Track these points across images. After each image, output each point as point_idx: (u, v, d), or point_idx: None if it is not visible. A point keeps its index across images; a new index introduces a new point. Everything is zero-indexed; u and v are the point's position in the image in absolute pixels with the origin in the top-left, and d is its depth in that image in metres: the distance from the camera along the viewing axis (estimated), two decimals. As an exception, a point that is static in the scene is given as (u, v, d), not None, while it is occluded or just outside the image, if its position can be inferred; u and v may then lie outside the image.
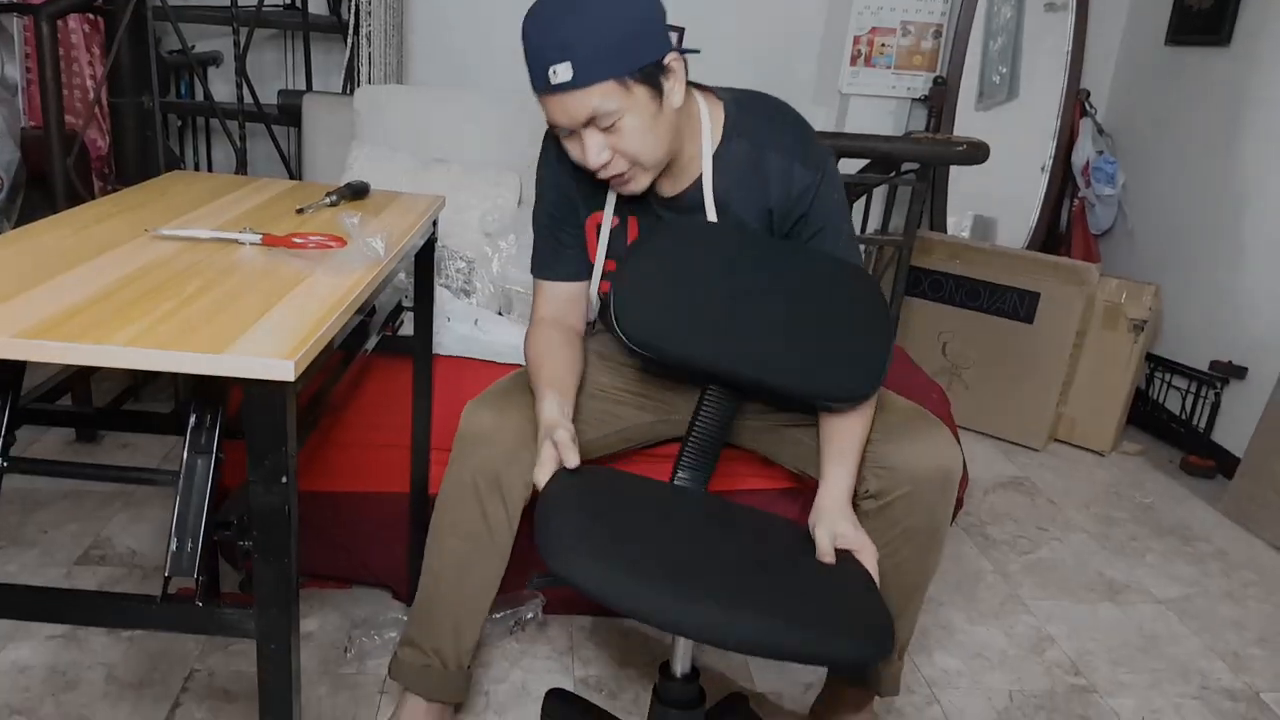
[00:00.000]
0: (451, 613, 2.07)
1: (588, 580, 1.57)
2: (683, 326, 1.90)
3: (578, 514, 1.70)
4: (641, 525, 1.78)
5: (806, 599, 1.66)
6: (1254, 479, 3.55)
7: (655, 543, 1.72)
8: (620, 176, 1.89)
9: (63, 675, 2.28)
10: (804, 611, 1.61)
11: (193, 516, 1.42)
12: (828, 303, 1.94)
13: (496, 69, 4.37)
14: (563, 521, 1.67)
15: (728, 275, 1.93)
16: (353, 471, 2.45)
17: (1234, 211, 3.95)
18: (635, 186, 1.91)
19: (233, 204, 2.02)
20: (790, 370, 1.90)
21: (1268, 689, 2.62)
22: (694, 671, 1.89)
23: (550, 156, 2.05)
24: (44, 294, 1.35)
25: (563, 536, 1.64)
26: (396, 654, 2.14)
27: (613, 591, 1.57)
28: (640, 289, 1.89)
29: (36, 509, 2.94)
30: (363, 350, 2.11)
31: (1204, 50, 4.17)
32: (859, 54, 4.56)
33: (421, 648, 2.10)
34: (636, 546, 1.68)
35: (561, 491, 1.76)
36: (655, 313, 1.89)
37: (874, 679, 2.19)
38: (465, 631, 2.09)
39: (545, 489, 1.77)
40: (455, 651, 2.10)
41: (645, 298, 1.89)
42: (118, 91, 3.55)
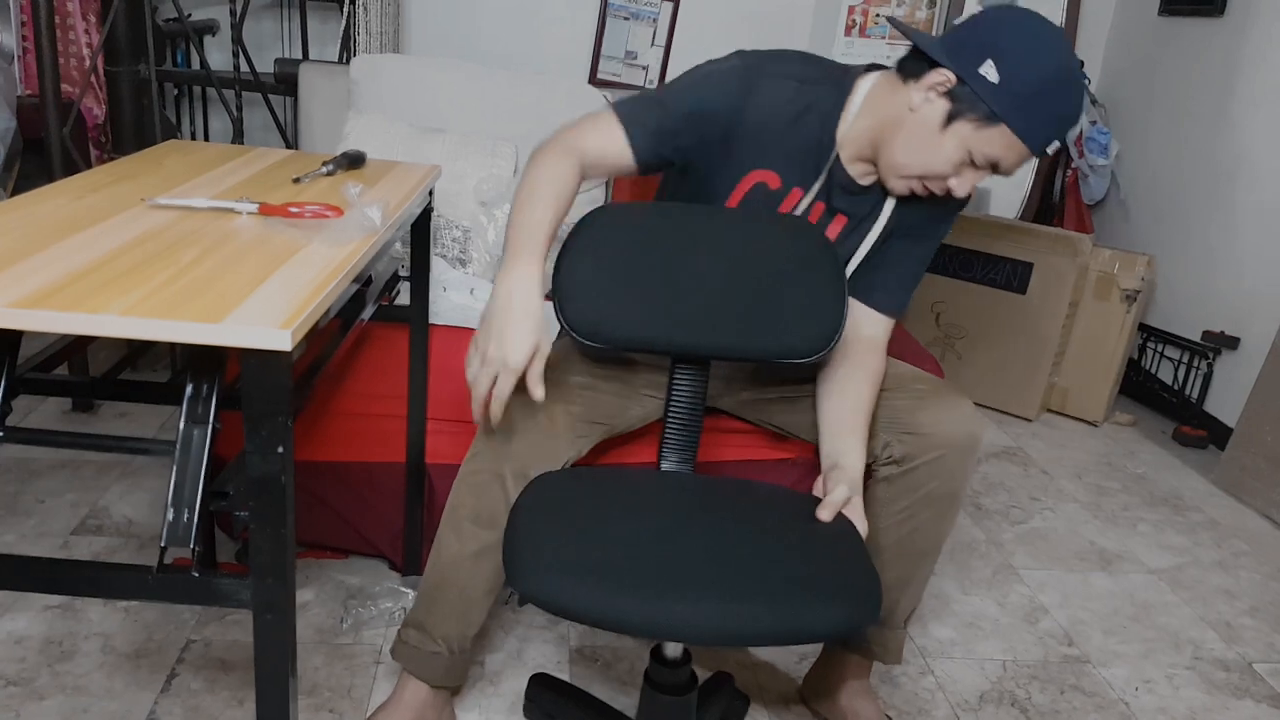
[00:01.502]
0: (464, 600, 2.02)
1: (558, 599, 1.53)
2: (628, 311, 1.87)
3: (547, 528, 1.66)
4: (619, 528, 1.70)
5: (792, 578, 1.61)
6: (1246, 449, 3.57)
7: (632, 546, 1.64)
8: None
9: (59, 646, 2.28)
10: (791, 593, 1.57)
11: (189, 486, 1.42)
12: (771, 261, 1.92)
13: (493, 38, 4.37)
14: (530, 539, 1.63)
15: (665, 252, 1.90)
16: (349, 441, 2.45)
17: (1227, 182, 3.95)
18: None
19: (229, 173, 2.01)
20: (745, 334, 1.89)
21: (1259, 659, 2.63)
22: (685, 655, 1.88)
23: (740, 95, 1.92)
24: (40, 263, 1.35)
25: (529, 556, 1.59)
26: (401, 635, 2.09)
27: (589, 610, 1.52)
28: (579, 281, 1.86)
29: (33, 479, 2.94)
30: (359, 320, 2.11)
31: (1197, 21, 4.16)
32: (853, 24, 4.54)
33: (430, 633, 2.05)
34: (611, 555, 1.60)
35: (533, 506, 1.74)
36: (598, 302, 1.86)
37: (876, 647, 2.19)
38: (475, 618, 2.05)
39: (515, 505, 1.76)
40: (461, 637, 2.06)
41: (585, 289, 1.86)
42: (114, 60, 3.54)
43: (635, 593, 1.52)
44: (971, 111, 1.79)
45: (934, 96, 1.82)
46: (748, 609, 1.52)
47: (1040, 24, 1.80)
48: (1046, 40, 1.78)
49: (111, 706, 2.12)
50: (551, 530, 1.66)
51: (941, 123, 1.82)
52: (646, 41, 4.41)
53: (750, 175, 1.98)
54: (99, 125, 3.78)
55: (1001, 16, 1.82)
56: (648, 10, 4.38)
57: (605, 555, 1.60)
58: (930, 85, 1.82)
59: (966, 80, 1.78)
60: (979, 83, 1.76)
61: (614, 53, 4.43)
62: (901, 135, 1.87)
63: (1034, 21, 1.80)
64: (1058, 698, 2.42)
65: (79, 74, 3.76)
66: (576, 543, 1.63)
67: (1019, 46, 1.77)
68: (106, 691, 2.16)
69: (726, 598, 1.53)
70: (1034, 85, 1.75)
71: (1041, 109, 1.77)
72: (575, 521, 1.70)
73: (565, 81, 3.45)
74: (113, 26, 3.43)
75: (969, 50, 1.79)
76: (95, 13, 3.79)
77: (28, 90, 3.77)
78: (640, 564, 1.59)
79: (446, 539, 2.00)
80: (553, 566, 1.56)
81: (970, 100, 1.78)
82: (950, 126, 1.81)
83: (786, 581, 1.59)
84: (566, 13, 4.41)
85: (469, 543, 1.97)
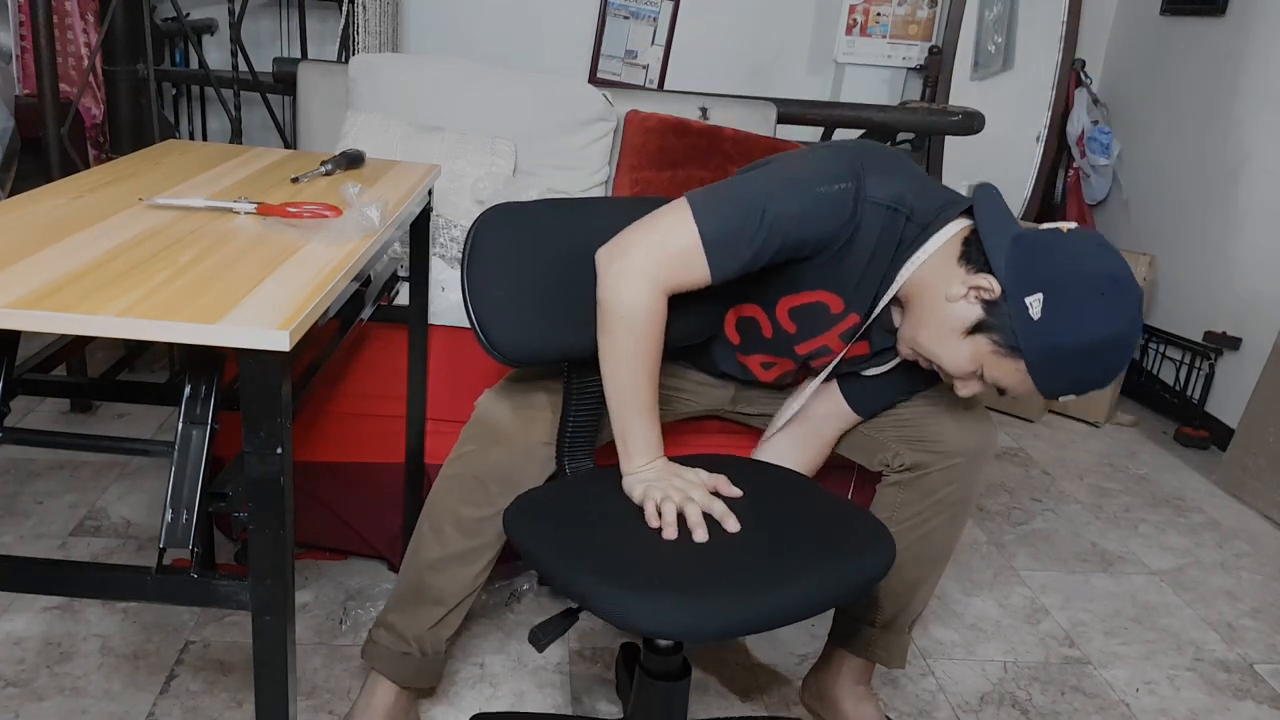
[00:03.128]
0: (440, 604, 2.00)
1: (596, 602, 1.56)
2: (550, 325, 1.85)
3: (561, 529, 1.71)
4: (625, 528, 1.72)
5: (804, 549, 1.66)
6: (1247, 450, 3.56)
7: (658, 547, 1.66)
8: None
9: (58, 647, 2.28)
10: (808, 564, 1.61)
11: (188, 487, 1.41)
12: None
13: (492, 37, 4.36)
14: (546, 541, 1.69)
15: (569, 251, 1.86)
16: (348, 442, 2.45)
17: (1229, 183, 3.95)
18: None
19: (227, 173, 2.01)
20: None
21: (1261, 660, 2.63)
22: (678, 643, 1.88)
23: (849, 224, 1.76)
24: (38, 263, 1.34)
25: (551, 557, 1.66)
26: (371, 635, 2.07)
27: (628, 614, 1.53)
28: (494, 304, 1.82)
29: (31, 480, 2.93)
30: (358, 320, 2.10)
31: (1199, 20, 4.16)
32: (854, 23, 4.54)
33: (402, 634, 2.03)
34: (630, 555, 1.64)
35: (543, 507, 1.78)
36: (518, 324, 1.83)
37: (880, 651, 2.18)
38: (450, 621, 2.03)
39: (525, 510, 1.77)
40: (434, 640, 2.04)
41: (502, 311, 1.81)
42: (112, 59, 3.53)
43: (676, 597, 1.54)
44: (999, 333, 1.69)
45: (973, 298, 1.71)
46: (791, 592, 1.57)
47: (1115, 282, 1.65)
48: (1111, 303, 1.64)
49: (110, 708, 2.11)
50: (592, 540, 1.69)
51: (967, 328, 1.72)
52: (646, 40, 4.41)
53: (817, 292, 1.87)
54: (97, 125, 3.77)
55: (1083, 256, 1.68)
56: (648, 9, 4.37)
57: (631, 555, 1.64)
58: (975, 286, 1.71)
59: (1009, 301, 1.67)
60: (1019, 312, 1.66)
61: (614, 52, 4.43)
62: (928, 316, 1.77)
63: (1110, 275, 1.66)
64: (1059, 699, 2.41)
65: (77, 73, 3.75)
66: (598, 543, 1.68)
67: (1078, 297, 1.64)
68: (105, 693, 2.15)
69: (771, 585, 1.56)
70: (1072, 342, 1.64)
71: (1069, 366, 1.68)
72: (595, 523, 1.74)
73: (565, 80, 3.44)
74: (111, 26, 3.43)
75: (1028, 273, 1.66)
76: (93, 12, 3.78)
77: (26, 90, 3.76)
78: (672, 562, 1.61)
79: (426, 540, 1.99)
80: (590, 569, 1.59)
81: (1003, 322, 1.68)
82: (974, 335, 1.72)
83: (805, 553, 1.65)
84: (566, 12, 4.41)
85: (449, 546, 1.96)
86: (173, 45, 4.26)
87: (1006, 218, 1.76)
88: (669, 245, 1.72)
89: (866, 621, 2.16)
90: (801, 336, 1.94)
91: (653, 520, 1.68)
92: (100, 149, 3.76)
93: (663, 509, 1.68)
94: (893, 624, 2.15)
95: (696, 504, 1.68)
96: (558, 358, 1.88)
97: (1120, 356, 1.68)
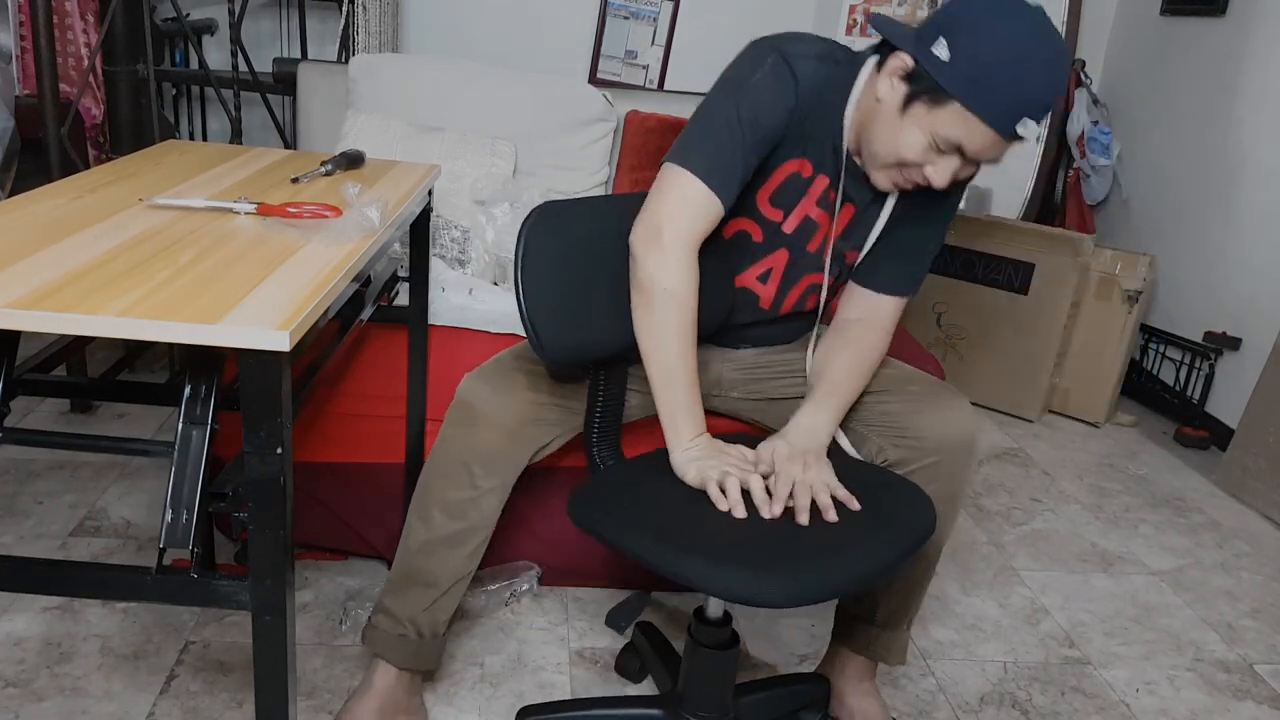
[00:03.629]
0: (433, 586, 2.02)
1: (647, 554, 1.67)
2: (601, 324, 1.88)
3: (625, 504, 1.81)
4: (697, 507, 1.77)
5: (840, 530, 1.73)
6: (1247, 450, 3.56)
7: (717, 520, 1.73)
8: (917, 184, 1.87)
9: (58, 647, 2.28)
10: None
11: (188, 488, 1.41)
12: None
13: (493, 38, 4.36)
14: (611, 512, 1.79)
15: (613, 253, 1.88)
16: (348, 442, 2.45)
17: (1229, 183, 3.95)
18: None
19: (227, 173, 2.01)
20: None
21: (1261, 660, 2.63)
22: (726, 615, 1.96)
23: (791, 83, 1.86)
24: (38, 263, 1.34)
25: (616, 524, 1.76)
26: (371, 621, 2.10)
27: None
28: (547, 306, 1.82)
29: (31, 480, 2.93)
30: (358, 320, 2.10)
31: (1199, 20, 4.16)
32: (854, 23, 4.54)
33: (397, 617, 2.05)
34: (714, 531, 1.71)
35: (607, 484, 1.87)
36: (564, 322, 1.85)
37: (880, 649, 2.20)
38: (445, 604, 2.05)
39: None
40: (431, 623, 2.06)
41: (552, 312, 1.83)
42: (112, 60, 3.53)
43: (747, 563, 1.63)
44: (925, 93, 1.73)
45: (896, 82, 1.77)
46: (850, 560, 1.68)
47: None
48: (1007, 13, 1.70)
49: (110, 708, 2.11)
50: (657, 523, 1.75)
51: (900, 107, 1.77)
52: (646, 41, 4.41)
53: (785, 165, 1.95)
54: (97, 125, 3.77)
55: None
56: (648, 9, 4.37)
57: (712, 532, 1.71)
58: (891, 71, 1.78)
59: (919, 60, 1.73)
60: (930, 61, 1.71)
61: (614, 52, 4.43)
62: (873, 125, 1.83)
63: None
64: (1059, 699, 2.41)
65: (77, 74, 3.75)
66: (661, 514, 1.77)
67: (975, 21, 1.70)
68: (105, 693, 2.15)
69: (827, 555, 1.68)
70: (987, 60, 1.68)
71: (998, 86, 1.69)
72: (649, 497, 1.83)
73: (565, 80, 3.44)
74: (111, 26, 3.43)
75: (927, 30, 1.74)
76: (93, 12, 3.78)
77: (26, 90, 3.76)
78: (741, 537, 1.69)
79: (414, 525, 2.02)
80: (649, 529, 1.71)
81: (926, 83, 1.73)
82: (908, 110, 1.76)
83: (837, 535, 1.72)
84: (566, 12, 4.41)
85: (437, 529, 1.98)
86: (173, 45, 4.25)
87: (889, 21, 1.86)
88: (685, 204, 1.82)
89: (866, 620, 2.18)
90: (785, 215, 2.00)
91: (720, 502, 1.74)
92: (100, 149, 3.76)
93: (726, 487, 1.75)
94: (891, 621, 2.17)
95: (758, 480, 1.78)
96: (604, 355, 1.93)
97: (1045, 50, 1.71)
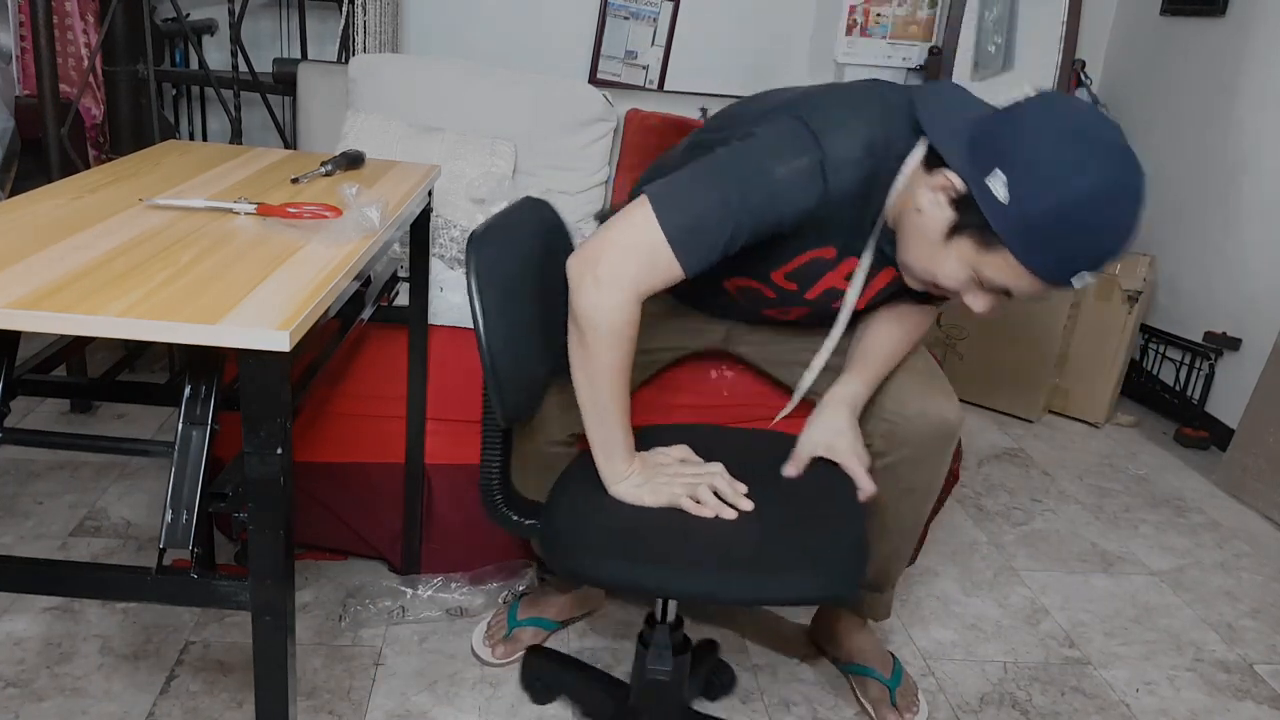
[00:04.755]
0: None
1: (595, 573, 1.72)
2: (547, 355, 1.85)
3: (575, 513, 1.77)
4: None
5: (780, 545, 1.70)
6: (1247, 450, 3.56)
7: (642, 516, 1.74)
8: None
9: (57, 647, 2.28)
10: (776, 563, 1.66)
11: (188, 488, 1.41)
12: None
13: (492, 38, 4.36)
14: (566, 523, 1.76)
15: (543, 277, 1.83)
16: (348, 442, 2.45)
17: (1229, 182, 3.94)
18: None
19: (227, 173, 2.01)
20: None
21: (1261, 660, 2.63)
22: (678, 620, 1.96)
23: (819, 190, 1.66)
24: (38, 263, 1.35)
25: (566, 539, 1.72)
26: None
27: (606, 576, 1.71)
28: (504, 363, 1.70)
29: (31, 480, 2.93)
30: (358, 320, 2.11)
31: (1199, 20, 4.15)
32: (854, 23, 4.53)
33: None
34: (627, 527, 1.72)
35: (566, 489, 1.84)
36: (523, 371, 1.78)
37: (867, 608, 2.36)
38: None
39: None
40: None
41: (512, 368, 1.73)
42: (112, 60, 3.53)
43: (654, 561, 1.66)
44: (975, 229, 1.57)
45: (942, 200, 1.61)
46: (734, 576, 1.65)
47: (1081, 135, 1.50)
48: (1081, 159, 1.48)
49: (110, 708, 2.11)
50: (583, 513, 1.76)
51: (944, 234, 1.62)
52: (646, 41, 4.40)
53: (808, 253, 1.83)
54: (97, 125, 3.77)
55: (1043, 117, 1.54)
56: (648, 10, 4.37)
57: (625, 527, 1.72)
58: (938, 187, 1.61)
59: (973, 190, 1.55)
60: (985, 197, 1.53)
61: (614, 52, 4.43)
62: (910, 236, 1.69)
63: (1074, 130, 1.51)
64: (1059, 699, 2.41)
65: (77, 74, 3.75)
66: (603, 518, 1.75)
67: (1043, 159, 1.49)
68: (105, 693, 2.15)
69: (722, 565, 1.65)
70: (1050, 217, 1.49)
71: (1056, 238, 1.52)
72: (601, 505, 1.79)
73: (565, 80, 3.44)
74: (111, 26, 3.43)
75: (984, 152, 1.54)
76: (93, 12, 3.78)
77: (26, 90, 3.76)
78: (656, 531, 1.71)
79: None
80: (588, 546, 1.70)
81: (975, 216, 1.56)
82: (953, 239, 1.62)
83: (774, 549, 1.69)
84: (566, 12, 4.41)
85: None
86: (173, 45, 4.25)
87: (958, 110, 1.65)
88: (637, 247, 1.64)
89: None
90: (806, 288, 1.92)
91: (699, 511, 1.73)
92: (100, 149, 3.76)
93: (701, 497, 1.73)
94: (875, 584, 2.30)
95: (722, 481, 1.77)
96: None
97: (1117, 210, 1.51)
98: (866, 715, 2.30)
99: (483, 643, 2.36)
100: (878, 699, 2.29)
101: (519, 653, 2.35)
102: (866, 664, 2.34)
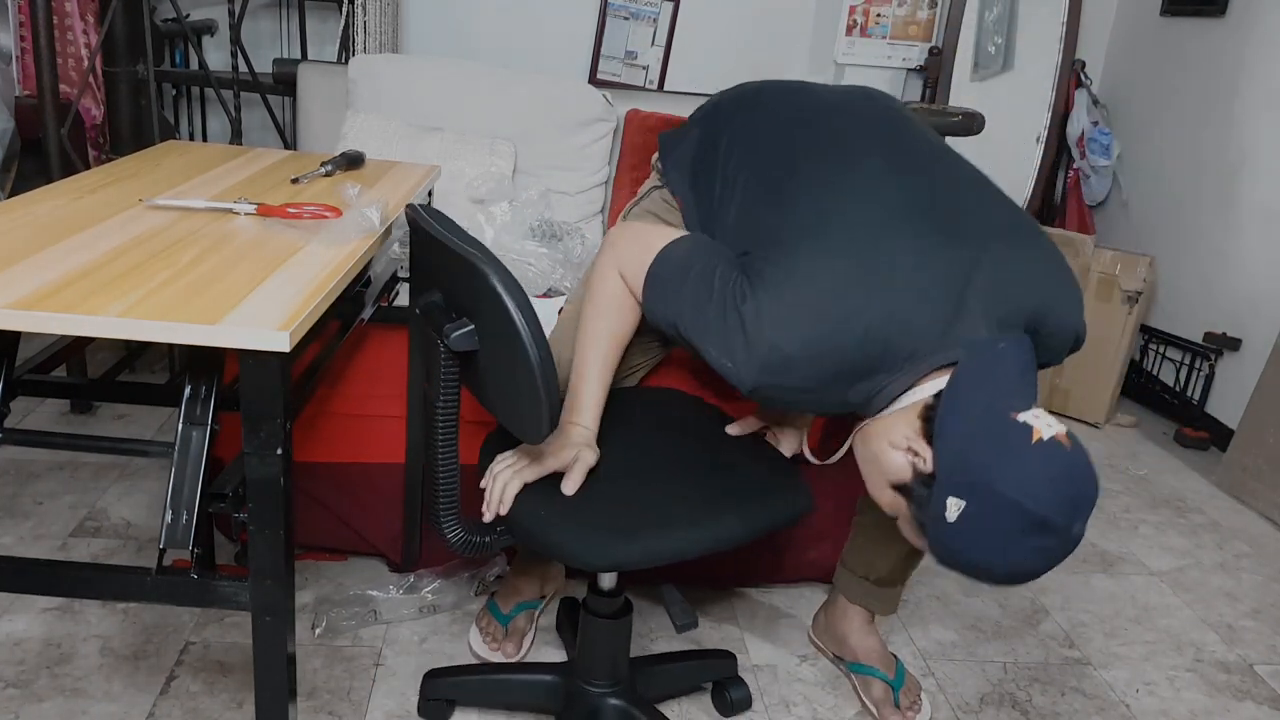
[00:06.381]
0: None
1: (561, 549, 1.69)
2: None
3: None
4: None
5: (730, 491, 1.82)
6: (1247, 451, 3.56)
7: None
8: None
9: (57, 648, 2.28)
10: (735, 504, 1.78)
11: (188, 488, 1.41)
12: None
13: (492, 38, 4.36)
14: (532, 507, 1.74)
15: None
16: (348, 442, 2.44)
17: (1229, 183, 3.94)
18: None
19: (227, 174, 2.01)
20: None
21: (1261, 661, 2.63)
22: (619, 585, 2.03)
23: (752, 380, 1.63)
24: (38, 264, 1.35)
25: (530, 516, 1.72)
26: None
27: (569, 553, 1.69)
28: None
29: (31, 480, 2.93)
30: (358, 320, 2.11)
31: (1199, 21, 4.16)
32: (854, 24, 4.54)
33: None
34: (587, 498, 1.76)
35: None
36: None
37: (875, 602, 2.36)
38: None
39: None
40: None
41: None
42: (112, 60, 3.53)
43: (605, 533, 1.69)
44: (916, 506, 1.59)
45: (910, 459, 1.61)
46: (699, 531, 1.73)
47: (1043, 527, 1.47)
48: (1027, 544, 1.48)
49: (110, 709, 2.11)
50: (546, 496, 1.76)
51: (895, 483, 1.64)
52: (646, 41, 4.40)
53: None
54: (97, 126, 3.77)
55: (1032, 483, 1.47)
56: (648, 10, 4.37)
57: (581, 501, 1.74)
58: (913, 450, 1.60)
59: (935, 486, 1.54)
60: (938, 502, 1.53)
61: (614, 52, 4.43)
62: (873, 442, 1.68)
63: (1042, 520, 1.47)
64: (1058, 699, 2.41)
65: (77, 74, 3.75)
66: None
67: (998, 525, 1.49)
68: (105, 694, 2.15)
69: (686, 525, 1.73)
70: (972, 560, 1.53)
71: (966, 569, 1.56)
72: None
73: (565, 81, 3.44)
74: (111, 26, 3.43)
75: (965, 469, 1.52)
76: (93, 13, 3.78)
77: (26, 90, 3.76)
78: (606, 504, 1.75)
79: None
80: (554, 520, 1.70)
81: (923, 501, 1.57)
82: (898, 491, 1.64)
83: (725, 496, 1.81)
84: (566, 12, 4.41)
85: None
86: (173, 46, 4.25)
87: (989, 390, 1.58)
88: (645, 252, 1.76)
89: (864, 577, 2.33)
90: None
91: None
92: (100, 150, 3.76)
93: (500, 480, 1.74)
94: (887, 581, 2.32)
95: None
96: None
97: (1020, 582, 1.59)
98: (869, 715, 2.30)
99: (487, 648, 2.36)
100: (881, 699, 2.29)
101: (528, 643, 2.38)
102: (870, 663, 2.35)
